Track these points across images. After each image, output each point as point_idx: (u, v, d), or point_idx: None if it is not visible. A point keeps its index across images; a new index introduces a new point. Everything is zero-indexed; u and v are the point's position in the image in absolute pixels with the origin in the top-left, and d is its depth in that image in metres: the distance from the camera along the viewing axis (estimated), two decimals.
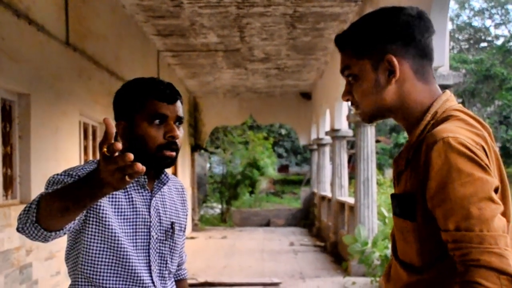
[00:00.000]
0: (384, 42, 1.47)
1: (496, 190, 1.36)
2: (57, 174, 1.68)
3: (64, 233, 1.58)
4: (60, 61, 5.70)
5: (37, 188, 5.05)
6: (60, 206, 1.42)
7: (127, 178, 1.27)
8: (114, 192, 1.69)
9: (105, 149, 1.27)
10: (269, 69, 12.99)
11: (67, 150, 5.85)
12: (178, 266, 2.07)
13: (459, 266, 1.31)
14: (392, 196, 1.55)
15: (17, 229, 1.54)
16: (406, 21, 1.47)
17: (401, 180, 1.51)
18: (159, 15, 8.58)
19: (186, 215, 1.98)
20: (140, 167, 1.25)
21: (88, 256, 1.69)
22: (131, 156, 1.25)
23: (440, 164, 1.34)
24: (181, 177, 13.60)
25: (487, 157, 1.38)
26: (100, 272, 1.70)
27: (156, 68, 10.62)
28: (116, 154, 1.26)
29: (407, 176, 1.47)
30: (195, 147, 16.51)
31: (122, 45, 8.09)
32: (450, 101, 1.50)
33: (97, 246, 1.69)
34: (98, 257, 1.69)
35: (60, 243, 5.48)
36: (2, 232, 4.43)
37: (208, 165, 23.56)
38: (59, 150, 5.63)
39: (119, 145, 1.26)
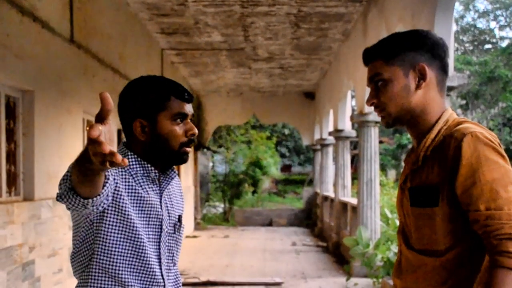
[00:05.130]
0: (415, 53, 1.71)
1: None
2: None
3: (101, 203, 1.59)
4: (64, 58, 5.71)
5: (41, 185, 5.06)
6: (79, 169, 1.44)
7: (107, 164, 1.27)
8: (131, 186, 1.75)
9: (87, 128, 1.25)
10: (272, 68, 12.98)
11: (70, 147, 5.85)
12: None
13: (491, 241, 1.53)
14: (411, 189, 1.72)
15: (56, 198, 1.56)
16: (434, 40, 1.74)
17: (416, 175, 1.72)
18: (163, 13, 8.58)
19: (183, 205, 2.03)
20: (119, 159, 1.24)
21: (106, 246, 1.72)
22: (112, 148, 1.25)
23: (469, 153, 1.57)
24: (184, 176, 13.62)
25: None
26: (116, 262, 1.73)
27: (159, 66, 10.62)
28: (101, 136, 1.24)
29: (426, 170, 1.68)
30: (198, 146, 16.50)
31: (126, 43, 8.10)
32: (454, 114, 1.76)
33: (115, 236, 1.72)
34: (115, 247, 1.72)
35: (63, 240, 5.48)
36: (5, 229, 4.44)
37: (210, 164, 23.54)
38: (62, 148, 5.64)
39: (95, 133, 1.23)
